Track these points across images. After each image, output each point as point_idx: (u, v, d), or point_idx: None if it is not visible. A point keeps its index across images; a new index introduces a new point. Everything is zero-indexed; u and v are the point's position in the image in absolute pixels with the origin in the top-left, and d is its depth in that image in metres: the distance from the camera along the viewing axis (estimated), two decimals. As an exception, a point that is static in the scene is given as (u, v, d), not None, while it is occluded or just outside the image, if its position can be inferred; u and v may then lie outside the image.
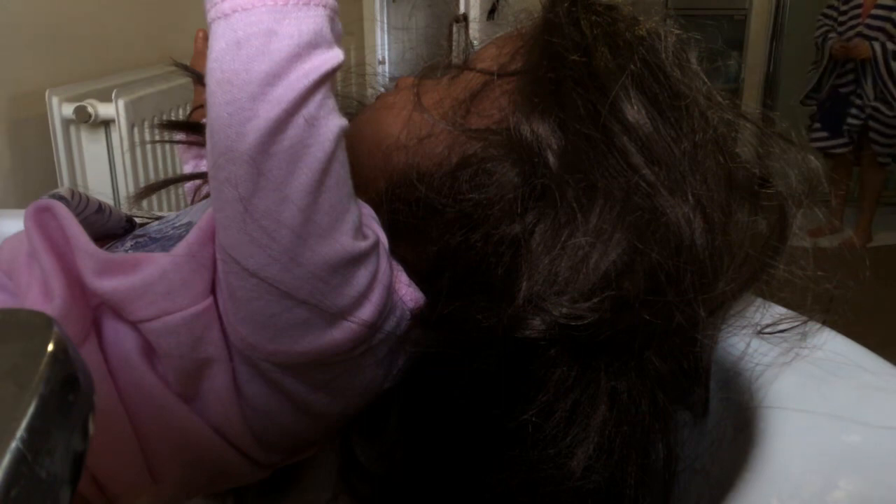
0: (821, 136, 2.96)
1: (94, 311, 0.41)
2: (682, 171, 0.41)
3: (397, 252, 0.43)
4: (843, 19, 2.90)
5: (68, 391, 0.20)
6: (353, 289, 0.38)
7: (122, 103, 1.18)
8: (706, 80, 0.46)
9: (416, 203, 0.43)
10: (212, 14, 0.36)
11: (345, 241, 0.37)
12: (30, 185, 1.16)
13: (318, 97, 0.36)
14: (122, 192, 1.23)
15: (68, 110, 1.16)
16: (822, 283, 0.44)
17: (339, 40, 0.38)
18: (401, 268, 0.43)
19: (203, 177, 0.64)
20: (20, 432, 0.18)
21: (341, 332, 0.38)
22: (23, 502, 0.17)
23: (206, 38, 0.70)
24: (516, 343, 0.39)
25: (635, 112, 0.41)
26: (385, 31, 2.37)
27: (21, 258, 0.45)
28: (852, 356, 0.42)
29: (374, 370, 0.42)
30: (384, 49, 2.39)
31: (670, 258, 0.39)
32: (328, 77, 0.37)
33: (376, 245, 0.40)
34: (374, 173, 0.47)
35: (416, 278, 0.43)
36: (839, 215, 2.94)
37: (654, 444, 0.42)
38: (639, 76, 0.42)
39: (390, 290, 0.41)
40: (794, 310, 0.45)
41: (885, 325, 1.67)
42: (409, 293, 0.42)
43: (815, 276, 0.44)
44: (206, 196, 0.59)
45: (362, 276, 0.38)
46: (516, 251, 0.40)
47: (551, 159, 0.41)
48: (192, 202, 0.66)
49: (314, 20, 0.36)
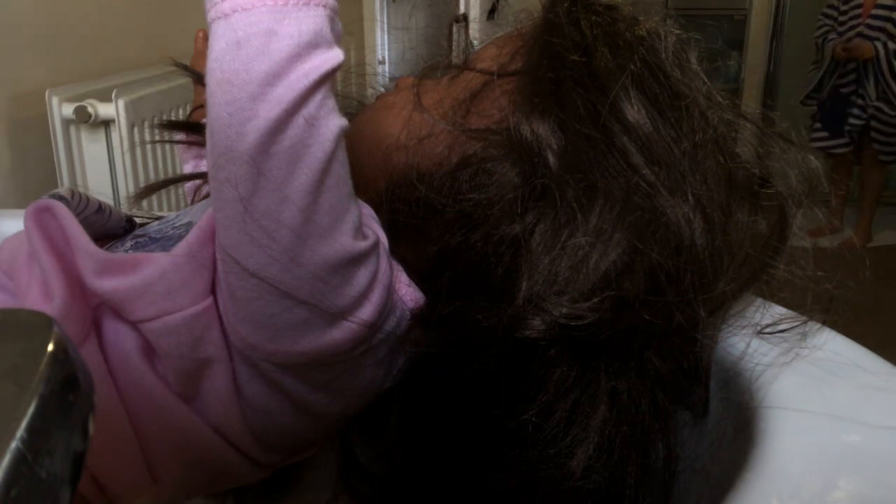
0: (821, 136, 2.95)
1: (94, 311, 0.42)
2: (682, 171, 0.41)
3: (397, 252, 0.43)
4: (843, 19, 2.89)
5: (68, 391, 0.20)
6: (353, 289, 0.38)
7: (122, 103, 1.18)
8: (706, 80, 0.46)
9: (416, 203, 0.43)
10: (212, 14, 0.36)
11: (345, 241, 0.37)
12: (30, 185, 1.16)
13: (318, 97, 0.36)
14: (122, 192, 1.23)
15: (68, 110, 1.16)
16: (822, 283, 0.44)
17: (339, 40, 0.38)
18: (401, 268, 0.43)
19: (203, 177, 0.64)
20: (20, 432, 0.18)
21: (341, 332, 0.38)
22: (23, 502, 0.17)
23: (206, 38, 0.70)
24: (516, 343, 0.39)
25: (635, 112, 0.41)
26: (385, 31, 2.37)
27: (21, 258, 0.45)
28: (852, 356, 0.42)
29: (374, 370, 0.42)
30: (384, 49, 2.39)
31: (670, 258, 0.39)
32: (328, 77, 0.37)
33: (376, 245, 0.40)
34: (374, 173, 0.47)
35: (416, 278, 0.43)
36: (839, 215, 2.94)
37: (654, 444, 0.42)
38: (639, 76, 0.42)
39: (390, 290, 0.41)
40: (794, 310, 0.45)
41: (885, 325, 1.67)
42: (409, 293, 0.42)
43: (815, 276, 0.44)
44: (206, 196, 0.59)
45: (362, 276, 0.38)
46: (516, 251, 0.40)
47: (551, 159, 0.41)
48: (192, 202, 0.66)
49: (314, 20, 0.36)
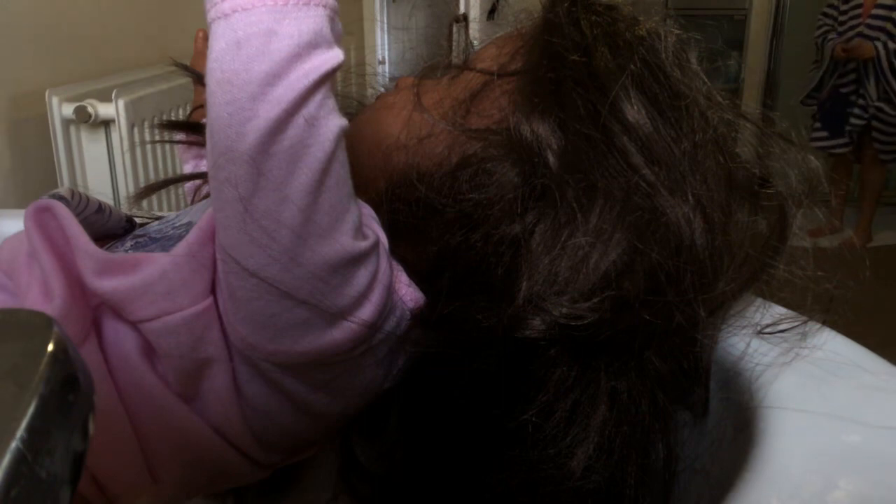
0: (821, 135, 2.95)
1: (94, 311, 0.41)
2: (682, 171, 0.41)
3: (397, 252, 0.43)
4: (843, 19, 2.89)
5: (68, 391, 0.20)
6: (353, 289, 0.38)
7: (122, 103, 1.18)
8: (706, 80, 0.46)
9: (416, 203, 0.43)
10: (212, 14, 0.36)
11: (345, 241, 0.37)
12: (30, 185, 1.16)
13: (318, 97, 0.36)
14: (122, 192, 1.23)
15: (68, 110, 1.16)
16: (822, 283, 0.44)
17: (339, 40, 0.38)
18: (401, 268, 0.43)
19: (203, 177, 0.64)
20: (20, 432, 0.18)
21: (341, 332, 0.38)
22: (23, 502, 0.17)
23: (206, 38, 0.70)
24: (516, 343, 0.39)
25: (635, 112, 0.41)
26: (385, 31, 2.37)
27: (21, 258, 0.45)
28: (852, 356, 0.42)
29: (374, 370, 0.42)
30: (384, 49, 2.39)
31: (670, 258, 0.39)
32: (328, 77, 0.37)
33: (376, 245, 0.40)
34: (374, 173, 0.47)
35: (416, 278, 0.43)
36: (839, 215, 2.94)
37: (654, 444, 0.42)
38: (639, 76, 0.42)
39: (390, 290, 0.41)
40: (794, 310, 0.45)
41: (885, 325, 1.67)
42: (409, 293, 0.42)
43: (815, 276, 0.44)
44: (206, 196, 0.59)
45: (362, 276, 0.38)
46: (516, 251, 0.40)
47: (551, 159, 0.41)
48: (192, 202, 0.66)
49: (314, 20, 0.36)
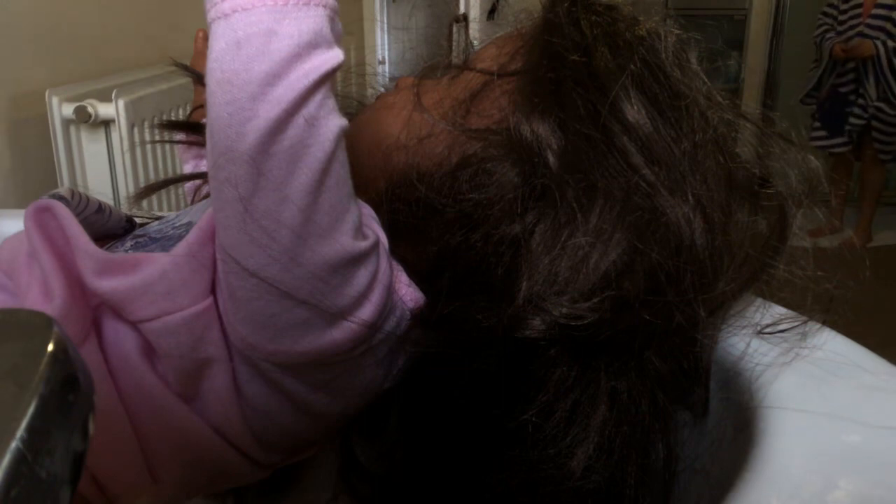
0: (820, 134, 2.95)
1: (94, 311, 0.41)
2: (682, 171, 0.41)
3: (397, 252, 0.43)
4: (843, 18, 2.89)
5: (68, 391, 0.20)
6: (353, 289, 0.38)
7: (122, 103, 1.18)
8: (706, 80, 0.46)
9: (416, 203, 0.43)
10: (212, 14, 0.36)
11: (345, 241, 0.37)
12: (30, 185, 1.16)
13: (318, 97, 0.36)
14: (122, 192, 1.23)
15: (68, 110, 1.16)
16: (822, 283, 0.44)
17: (339, 40, 0.38)
18: (401, 268, 0.43)
19: (203, 177, 0.64)
20: (20, 432, 0.18)
21: (341, 332, 0.38)
22: (23, 502, 0.17)
23: (206, 38, 0.70)
24: (516, 343, 0.39)
25: (635, 112, 0.41)
26: (385, 31, 2.37)
27: (21, 258, 0.45)
28: (852, 356, 0.42)
29: (374, 370, 0.42)
30: (384, 49, 2.39)
31: (670, 258, 0.39)
32: (328, 77, 0.37)
33: (376, 245, 0.40)
34: (374, 173, 0.47)
35: (416, 278, 0.43)
36: (839, 215, 2.94)
37: (654, 444, 0.42)
38: (639, 76, 0.42)
39: (390, 290, 0.41)
40: (794, 310, 0.45)
41: (885, 325, 1.67)
42: (409, 293, 0.42)
43: (815, 276, 0.44)
44: (206, 196, 0.59)
45: (362, 276, 0.38)
46: (516, 251, 0.40)
47: (551, 159, 0.41)
48: (192, 202, 0.66)
49: (314, 20, 0.36)
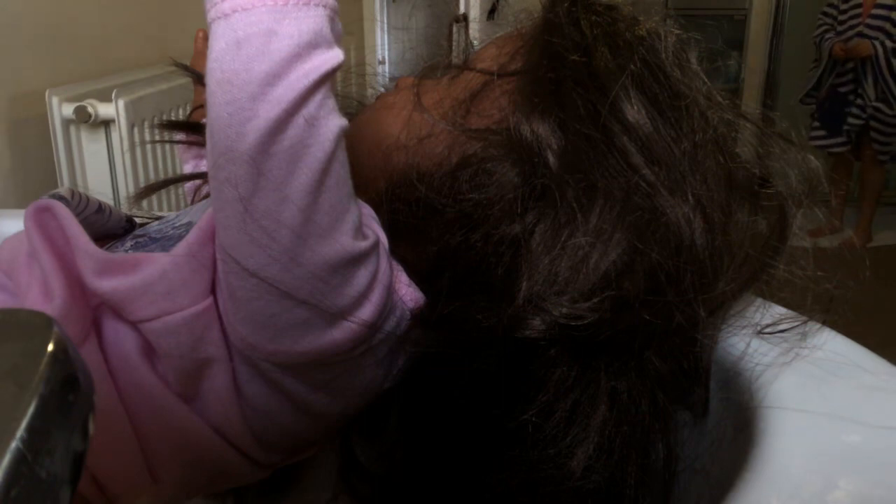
0: (819, 134, 2.96)
1: (94, 311, 0.41)
2: (682, 171, 0.41)
3: (397, 252, 0.43)
4: (843, 18, 2.89)
5: (68, 391, 0.20)
6: (353, 289, 0.38)
7: (122, 103, 1.18)
8: (706, 80, 0.46)
9: (416, 203, 0.43)
10: (212, 14, 0.36)
11: (345, 241, 0.37)
12: (30, 185, 1.16)
13: (318, 97, 0.36)
14: (122, 192, 1.23)
15: (68, 110, 1.16)
16: (822, 283, 0.44)
17: (339, 40, 0.38)
18: (401, 268, 0.43)
19: (203, 177, 0.64)
20: (20, 432, 0.18)
21: (341, 332, 0.38)
22: (23, 502, 0.17)
23: (206, 38, 0.70)
24: (516, 343, 0.39)
25: (635, 112, 0.41)
26: (385, 31, 2.37)
27: (21, 258, 0.45)
28: (852, 356, 0.42)
29: (374, 370, 0.42)
30: (384, 49, 2.39)
31: (670, 258, 0.39)
32: (328, 77, 0.37)
33: (376, 245, 0.40)
34: (374, 173, 0.47)
35: (416, 278, 0.43)
36: (839, 215, 2.94)
37: (654, 444, 0.42)
38: (639, 76, 0.42)
39: (390, 290, 0.41)
40: (794, 310, 0.45)
41: (885, 325, 1.67)
42: (409, 293, 0.42)
43: (815, 276, 0.44)
44: (206, 196, 0.59)
45: (362, 276, 0.38)
46: (516, 251, 0.40)
47: (551, 159, 0.41)
48: (192, 202, 0.66)
49: (314, 20, 0.36)
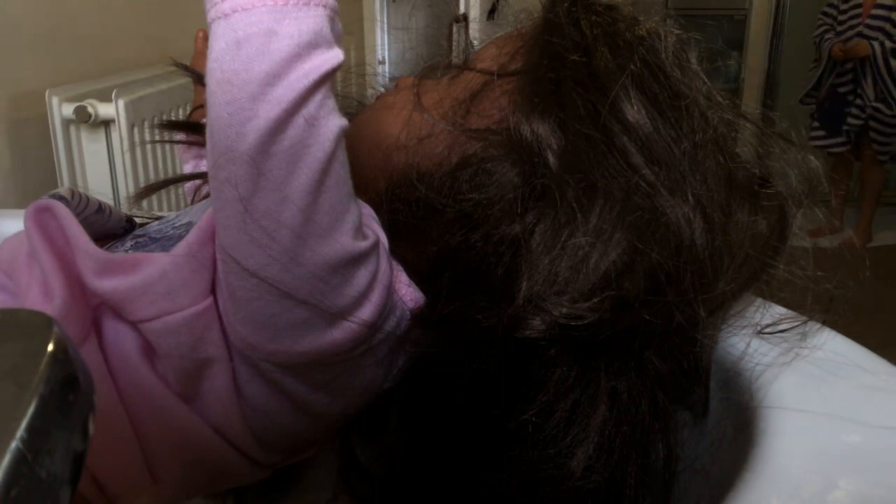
0: (819, 134, 2.96)
1: (94, 311, 0.41)
2: (682, 171, 0.41)
3: (397, 252, 0.43)
4: (842, 18, 2.89)
5: (68, 391, 0.20)
6: (353, 289, 0.38)
7: (122, 103, 1.18)
8: (706, 80, 0.46)
9: (416, 203, 0.43)
10: (212, 14, 0.36)
11: (345, 241, 0.37)
12: (30, 185, 1.16)
13: (318, 97, 0.36)
14: (122, 192, 1.23)
15: (68, 110, 1.16)
16: (822, 283, 0.44)
17: (339, 40, 0.38)
18: (401, 268, 0.43)
19: (203, 177, 0.64)
20: (20, 432, 0.18)
21: (341, 332, 0.38)
22: (23, 502, 0.17)
23: (206, 38, 0.70)
24: (516, 343, 0.39)
25: (635, 112, 0.41)
26: (385, 31, 2.37)
27: (21, 258, 0.45)
28: (852, 356, 0.42)
29: (374, 370, 0.42)
30: (384, 49, 2.39)
31: (670, 258, 0.39)
32: (328, 77, 0.37)
33: (376, 245, 0.40)
34: (374, 173, 0.47)
35: (416, 278, 0.43)
36: (839, 215, 2.94)
37: (654, 444, 0.42)
38: (639, 76, 0.42)
39: (390, 290, 0.41)
40: (794, 310, 0.45)
41: (885, 325, 1.67)
42: (409, 293, 0.42)
43: (815, 276, 0.44)
44: (206, 196, 0.59)
45: (362, 276, 0.38)
46: (516, 251, 0.40)
47: (551, 159, 0.41)
48: (192, 202, 0.66)
49: (314, 20, 0.36)
